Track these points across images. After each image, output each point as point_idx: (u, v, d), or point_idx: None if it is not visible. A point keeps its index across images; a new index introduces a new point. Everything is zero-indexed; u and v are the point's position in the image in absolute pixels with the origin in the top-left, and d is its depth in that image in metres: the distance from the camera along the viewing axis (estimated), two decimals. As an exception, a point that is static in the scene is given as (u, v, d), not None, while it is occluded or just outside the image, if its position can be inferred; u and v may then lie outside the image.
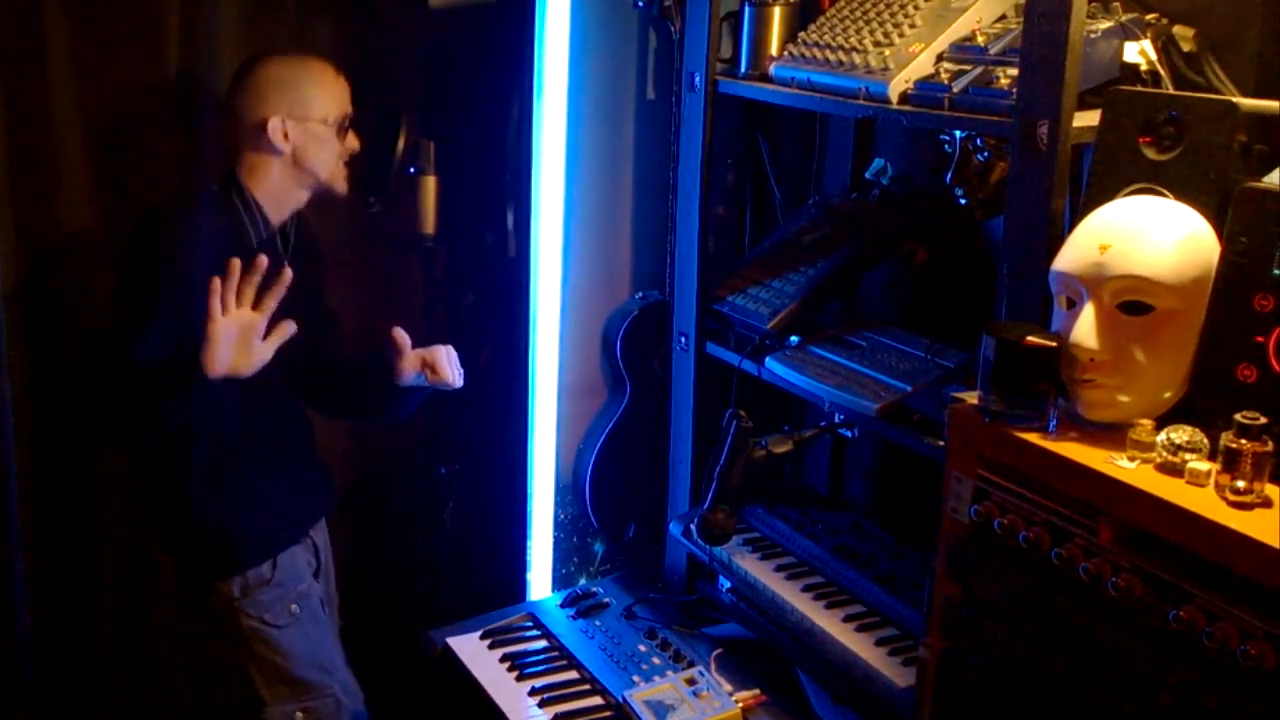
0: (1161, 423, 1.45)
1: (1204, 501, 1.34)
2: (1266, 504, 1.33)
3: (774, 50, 2.32)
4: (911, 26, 2.05)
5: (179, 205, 2.34)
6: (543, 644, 2.51)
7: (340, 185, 2.38)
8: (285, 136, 2.26)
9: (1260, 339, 1.44)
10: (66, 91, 2.38)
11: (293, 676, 2.40)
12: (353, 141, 2.36)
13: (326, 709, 2.45)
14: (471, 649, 2.49)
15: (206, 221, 2.25)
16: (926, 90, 1.95)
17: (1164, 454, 1.41)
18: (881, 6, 2.15)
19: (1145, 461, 1.43)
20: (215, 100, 2.40)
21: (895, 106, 1.99)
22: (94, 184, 2.46)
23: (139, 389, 2.13)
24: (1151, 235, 1.51)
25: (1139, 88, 1.73)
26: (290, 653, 2.40)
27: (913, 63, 1.98)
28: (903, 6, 2.10)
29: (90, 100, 2.40)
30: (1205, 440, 1.40)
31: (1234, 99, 1.61)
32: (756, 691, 2.29)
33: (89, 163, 2.44)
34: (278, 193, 2.31)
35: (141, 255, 2.22)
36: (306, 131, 2.28)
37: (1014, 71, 1.79)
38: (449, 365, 2.41)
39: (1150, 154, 1.62)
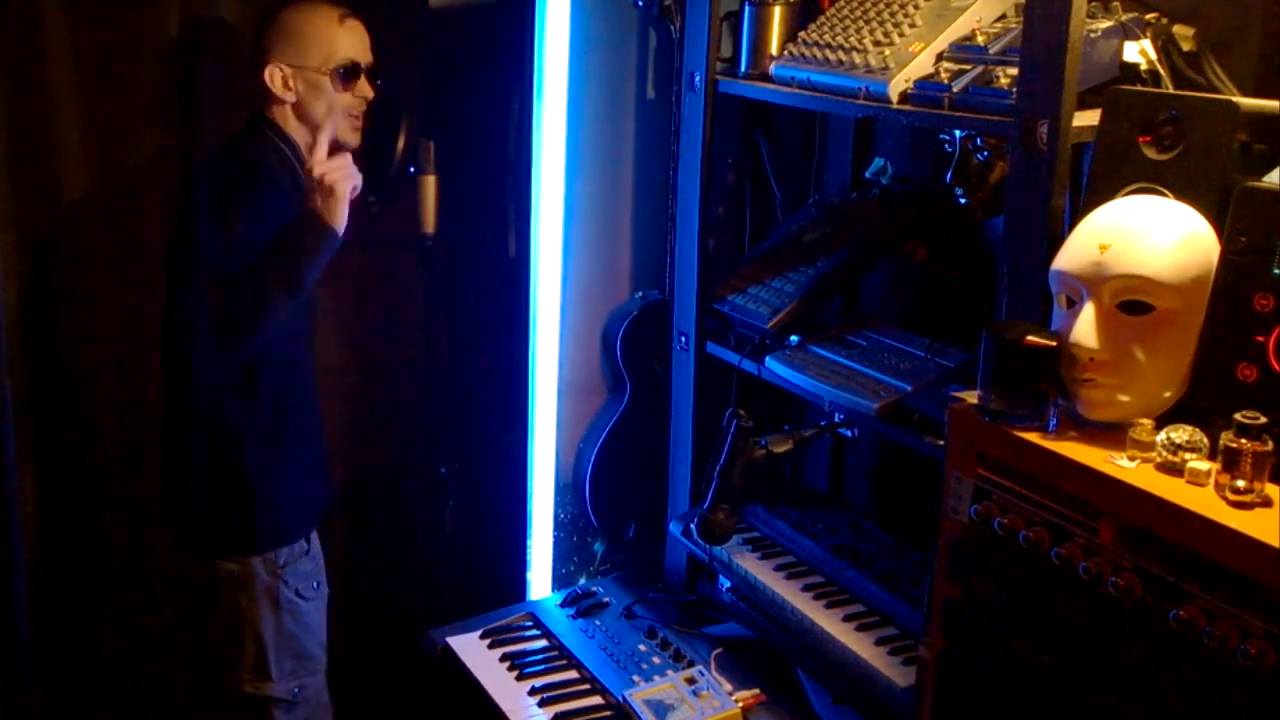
0: (1161, 422, 1.45)
1: (1204, 501, 1.34)
2: (1266, 504, 1.33)
3: (774, 50, 2.32)
4: (911, 26, 2.05)
5: (248, 143, 2.33)
6: (543, 643, 2.51)
7: (347, 138, 2.36)
8: (286, 85, 2.28)
9: (1260, 339, 1.44)
10: (64, 77, 2.39)
11: (304, 651, 2.43)
12: (364, 89, 2.35)
13: (317, 685, 2.49)
14: (471, 649, 2.49)
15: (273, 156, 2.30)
16: (926, 90, 1.95)
17: (1164, 453, 1.41)
18: (881, 6, 2.15)
19: (1145, 461, 1.43)
20: (222, 83, 2.43)
21: (895, 106, 1.99)
22: (94, 180, 2.47)
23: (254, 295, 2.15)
24: (1151, 235, 1.51)
25: (1139, 87, 1.73)
26: (309, 626, 2.43)
27: (913, 62, 1.98)
28: (903, 6, 2.10)
29: (84, 81, 2.41)
30: (1205, 440, 1.40)
31: (1234, 99, 1.61)
32: (756, 691, 2.29)
33: (88, 159, 2.45)
34: (302, 137, 2.33)
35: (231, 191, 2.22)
36: (304, 80, 2.29)
37: (1014, 71, 1.79)
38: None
39: (1150, 154, 1.62)
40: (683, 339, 2.55)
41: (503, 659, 2.45)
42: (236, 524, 2.36)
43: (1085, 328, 1.51)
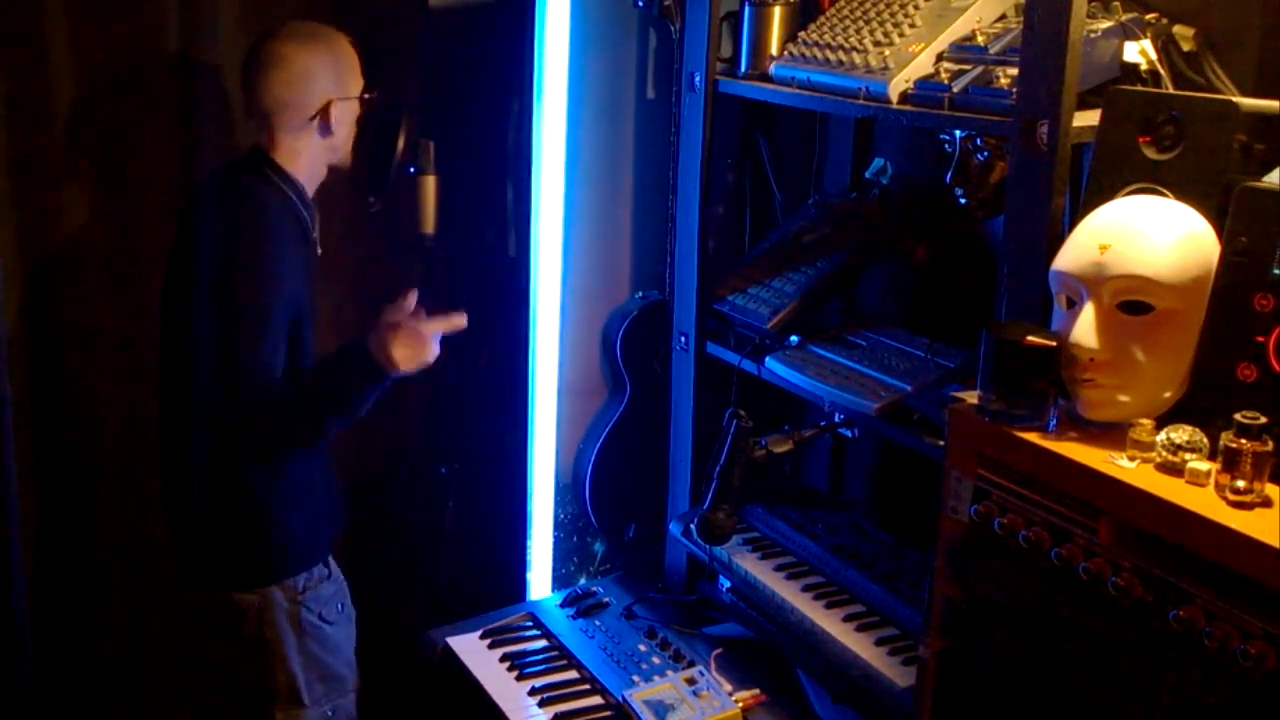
0: (1161, 422, 1.45)
1: (1204, 501, 1.34)
2: (1266, 504, 1.33)
3: (774, 50, 2.32)
4: (911, 26, 2.05)
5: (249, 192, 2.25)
6: (543, 644, 2.51)
7: (349, 159, 2.35)
8: (335, 118, 2.25)
9: (1260, 339, 1.44)
10: (64, 80, 2.39)
11: (333, 673, 2.40)
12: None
13: (349, 706, 2.46)
14: (471, 649, 2.49)
15: (276, 208, 2.24)
16: (926, 90, 1.95)
17: (1164, 454, 1.41)
18: (881, 6, 2.15)
19: (1145, 461, 1.43)
20: (222, 86, 2.42)
21: (895, 106, 1.99)
22: (94, 182, 2.47)
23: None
24: (1151, 235, 1.51)
25: (1139, 87, 1.73)
26: (336, 649, 2.40)
27: (913, 62, 1.98)
28: (903, 6, 2.10)
29: (85, 83, 2.40)
30: (1205, 440, 1.40)
31: (1234, 99, 1.62)
32: (756, 691, 2.29)
33: (89, 160, 2.45)
34: (314, 173, 2.30)
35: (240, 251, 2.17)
36: (347, 110, 2.27)
37: (1014, 71, 1.79)
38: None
39: (1150, 154, 1.62)
40: (683, 339, 2.55)
41: (503, 659, 2.45)
42: (250, 554, 2.32)
43: (1085, 328, 1.51)
